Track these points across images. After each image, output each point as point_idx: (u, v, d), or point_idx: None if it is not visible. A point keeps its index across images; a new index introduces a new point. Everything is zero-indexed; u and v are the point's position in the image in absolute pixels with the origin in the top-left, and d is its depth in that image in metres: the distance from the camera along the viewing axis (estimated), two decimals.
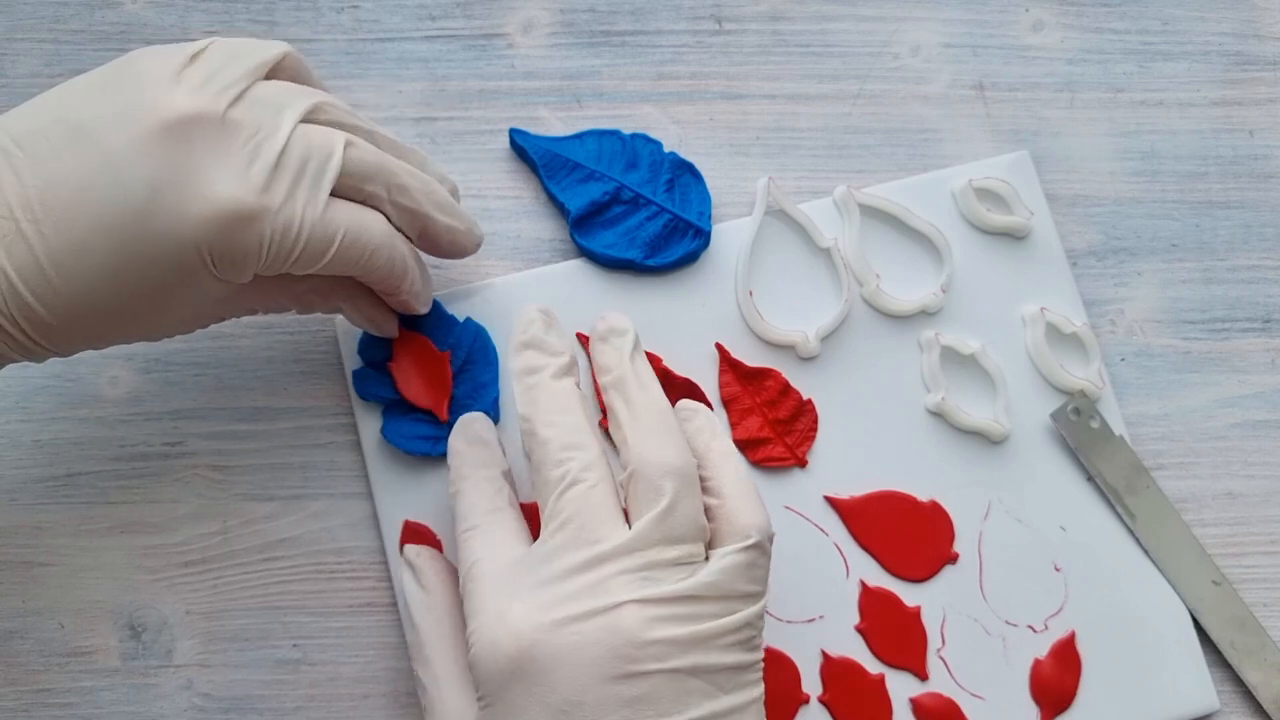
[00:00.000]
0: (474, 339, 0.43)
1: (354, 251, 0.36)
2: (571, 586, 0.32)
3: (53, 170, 0.32)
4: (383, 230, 0.37)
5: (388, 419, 0.42)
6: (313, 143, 0.35)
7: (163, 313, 0.35)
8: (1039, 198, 0.45)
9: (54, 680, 0.42)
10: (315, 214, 0.34)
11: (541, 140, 0.45)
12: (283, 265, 0.35)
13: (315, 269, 0.36)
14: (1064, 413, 0.44)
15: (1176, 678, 0.43)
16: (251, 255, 0.34)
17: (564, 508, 0.34)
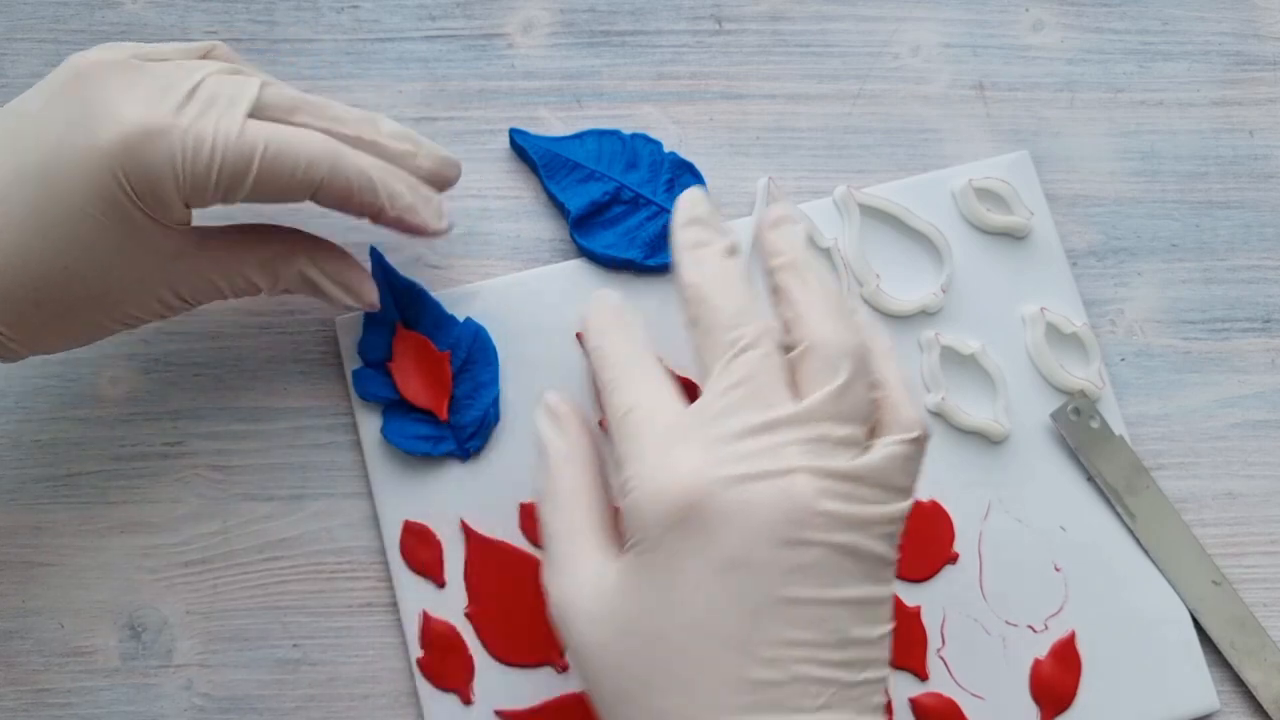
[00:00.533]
0: (473, 339, 0.43)
1: (283, 165, 0.35)
2: (744, 447, 0.32)
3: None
4: (318, 142, 0.36)
5: (387, 419, 0.42)
6: (226, 83, 0.35)
7: (108, 275, 0.35)
8: (1039, 198, 0.45)
9: (54, 680, 0.42)
10: (229, 129, 0.34)
11: (541, 140, 0.45)
12: (205, 188, 0.35)
13: (246, 192, 0.35)
14: (1064, 413, 0.44)
15: (1176, 678, 0.43)
16: (165, 175, 0.34)
17: (737, 370, 0.33)
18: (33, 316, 0.35)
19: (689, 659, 0.31)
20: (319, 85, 0.45)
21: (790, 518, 0.31)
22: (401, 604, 0.42)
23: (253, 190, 0.35)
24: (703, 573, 0.31)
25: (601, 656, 0.32)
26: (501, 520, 0.42)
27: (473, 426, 0.42)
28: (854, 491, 0.32)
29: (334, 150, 0.36)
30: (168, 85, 0.34)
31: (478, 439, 0.42)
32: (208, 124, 0.34)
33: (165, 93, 0.34)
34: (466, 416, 0.42)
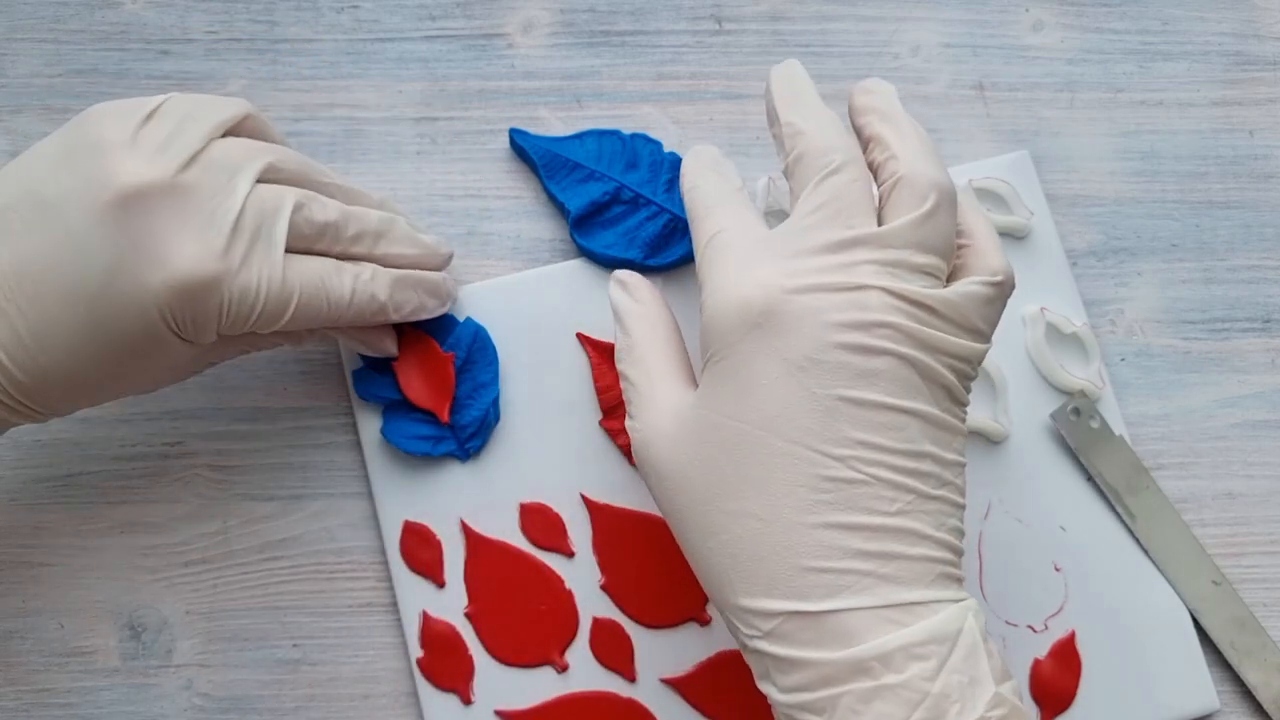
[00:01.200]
0: (474, 339, 0.43)
1: (314, 307, 0.37)
2: (822, 261, 0.33)
3: (23, 248, 0.34)
4: (347, 283, 0.38)
5: (388, 419, 0.42)
6: (265, 205, 0.36)
7: (142, 372, 0.37)
8: (1039, 198, 0.45)
9: (54, 680, 0.42)
10: (273, 275, 0.36)
11: (541, 140, 0.45)
12: (244, 326, 0.36)
13: (278, 327, 0.37)
14: (1064, 413, 0.44)
15: (1176, 678, 0.43)
16: (212, 319, 0.35)
17: (824, 192, 0.34)
18: (62, 403, 0.37)
19: (765, 458, 0.32)
20: (319, 85, 0.45)
21: (859, 323, 0.32)
22: (401, 604, 0.42)
23: (282, 327, 0.37)
24: (776, 372, 0.32)
25: (683, 471, 0.34)
26: (501, 520, 0.42)
27: (473, 426, 0.42)
28: (926, 318, 0.33)
29: (357, 288, 0.38)
30: (210, 216, 0.35)
31: (478, 439, 0.42)
32: (251, 272, 0.35)
33: (208, 227, 0.35)
34: (466, 416, 0.42)
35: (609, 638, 0.42)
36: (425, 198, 0.45)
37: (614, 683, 0.42)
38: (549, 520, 0.42)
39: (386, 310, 0.39)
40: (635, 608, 0.42)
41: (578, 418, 0.43)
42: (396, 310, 0.40)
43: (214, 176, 0.35)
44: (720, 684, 0.42)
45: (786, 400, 0.32)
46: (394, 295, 0.39)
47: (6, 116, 0.45)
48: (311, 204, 0.37)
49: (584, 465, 0.43)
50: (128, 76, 0.45)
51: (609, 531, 0.42)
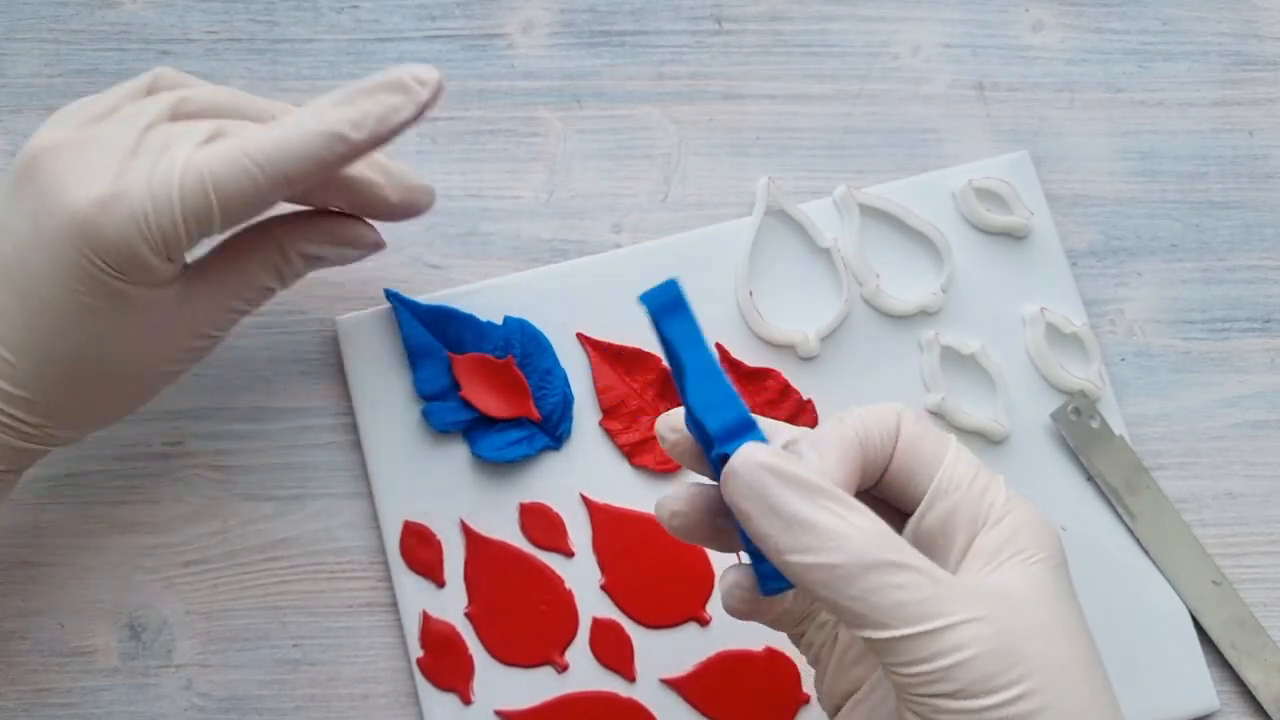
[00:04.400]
0: (521, 332, 0.43)
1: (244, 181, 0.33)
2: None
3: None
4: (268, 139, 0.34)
5: (475, 440, 0.42)
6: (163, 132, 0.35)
7: (123, 343, 0.35)
8: (1039, 198, 0.45)
9: (54, 680, 0.42)
10: (170, 166, 0.33)
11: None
12: (177, 237, 0.34)
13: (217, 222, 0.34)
14: (1064, 413, 0.44)
15: (1176, 678, 0.43)
16: (133, 240, 0.33)
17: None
18: (68, 403, 0.36)
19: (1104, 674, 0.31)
20: (319, 85, 0.45)
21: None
22: (401, 604, 0.42)
23: (223, 217, 0.34)
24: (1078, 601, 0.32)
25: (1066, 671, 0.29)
26: (501, 520, 0.42)
27: (557, 413, 0.42)
28: None
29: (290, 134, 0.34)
30: (108, 150, 0.34)
31: (565, 422, 0.43)
32: (149, 174, 0.33)
33: (106, 160, 0.34)
34: (548, 406, 0.42)
35: (609, 638, 0.42)
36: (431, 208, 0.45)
37: (614, 683, 0.42)
38: (549, 520, 0.42)
39: (340, 133, 0.34)
40: (635, 608, 0.42)
41: (578, 418, 0.43)
42: (356, 127, 0.34)
43: (119, 125, 0.35)
44: (720, 684, 0.42)
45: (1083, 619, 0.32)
46: (340, 114, 0.34)
47: (6, 116, 0.45)
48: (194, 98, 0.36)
49: (584, 465, 0.43)
50: (128, 76, 0.45)
51: (609, 531, 0.42)
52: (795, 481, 0.28)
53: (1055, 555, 0.31)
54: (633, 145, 0.46)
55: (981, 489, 0.32)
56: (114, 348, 0.35)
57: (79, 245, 0.33)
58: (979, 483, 0.32)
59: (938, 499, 0.32)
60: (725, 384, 0.30)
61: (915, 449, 0.33)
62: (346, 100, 0.34)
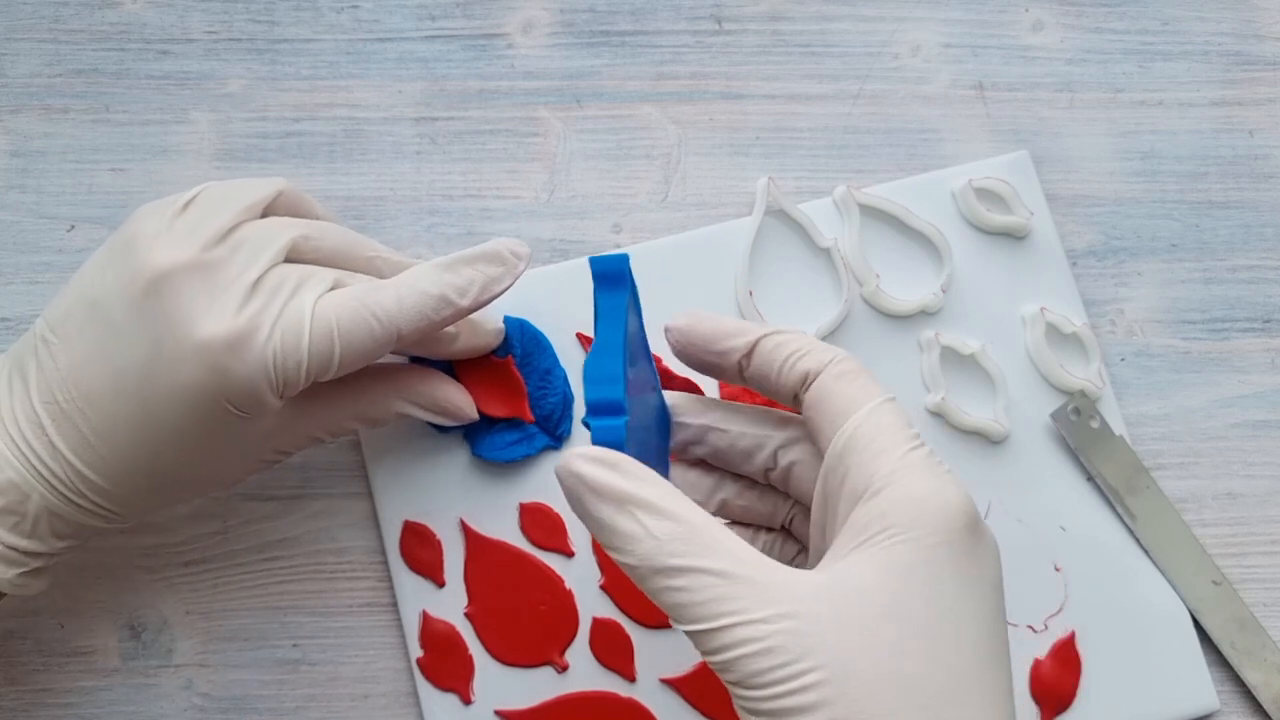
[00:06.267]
0: (521, 332, 0.43)
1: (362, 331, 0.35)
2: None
3: (77, 350, 0.35)
4: (385, 295, 0.36)
5: (475, 440, 0.42)
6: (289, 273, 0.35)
7: (213, 459, 0.36)
8: (1039, 198, 0.45)
9: (54, 680, 0.42)
10: (301, 313, 0.35)
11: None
12: (298, 381, 0.35)
13: (335, 370, 0.36)
14: (1064, 413, 0.44)
15: (1176, 678, 0.43)
16: (259, 380, 0.34)
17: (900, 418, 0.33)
18: (144, 502, 0.37)
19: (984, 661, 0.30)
20: (319, 85, 0.45)
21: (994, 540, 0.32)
22: (401, 604, 0.42)
23: (340, 368, 0.36)
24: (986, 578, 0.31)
25: (865, 668, 0.28)
26: (501, 520, 0.42)
27: (556, 413, 0.42)
28: None
29: (401, 291, 0.36)
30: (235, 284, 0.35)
31: (565, 422, 0.42)
32: (279, 319, 0.35)
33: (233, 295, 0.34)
34: (546, 407, 0.42)
35: (609, 638, 0.42)
36: (425, 198, 0.45)
37: (614, 683, 0.42)
38: (549, 520, 0.42)
39: (448, 298, 0.37)
40: (635, 608, 0.42)
41: (578, 418, 0.43)
42: (461, 294, 0.37)
43: (242, 252, 0.35)
44: (720, 684, 0.42)
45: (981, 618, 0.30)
46: (448, 280, 0.37)
47: (6, 116, 0.45)
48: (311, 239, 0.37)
49: None
50: (127, 76, 0.45)
51: None
52: (602, 490, 0.30)
53: (932, 534, 0.30)
54: (633, 145, 0.46)
55: (874, 455, 0.31)
56: (205, 463, 0.36)
57: (204, 381, 0.34)
58: (874, 447, 0.31)
59: (834, 462, 0.32)
60: (617, 364, 0.31)
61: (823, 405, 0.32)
62: (452, 268, 0.37)
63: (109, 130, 0.45)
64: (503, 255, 0.38)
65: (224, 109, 0.45)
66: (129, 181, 0.45)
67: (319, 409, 0.38)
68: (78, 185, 0.45)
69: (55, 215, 0.44)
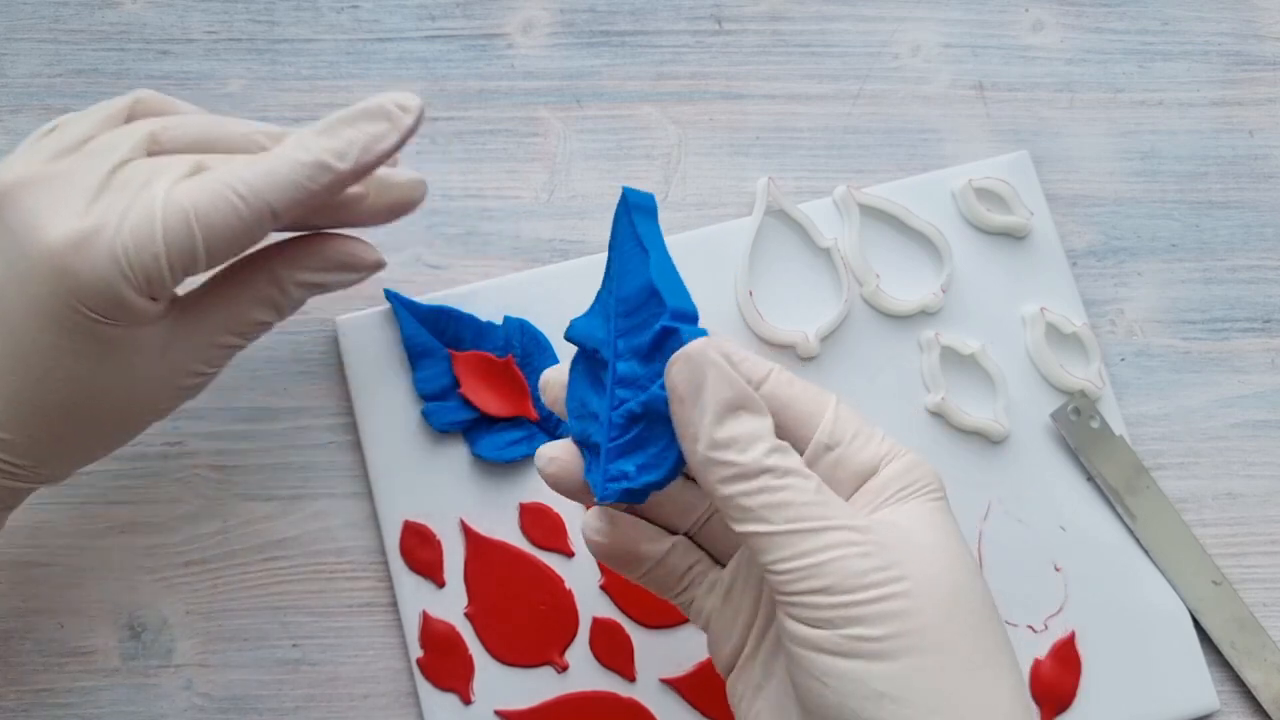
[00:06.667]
0: (521, 332, 0.43)
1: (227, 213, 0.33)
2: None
3: None
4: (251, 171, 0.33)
5: (475, 440, 0.42)
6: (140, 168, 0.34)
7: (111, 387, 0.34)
8: (1039, 198, 0.45)
9: (54, 680, 0.42)
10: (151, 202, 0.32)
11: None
12: (160, 275, 0.33)
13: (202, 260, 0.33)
14: (1064, 413, 0.44)
15: (1176, 678, 0.43)
16: (113, 278, 0.32)
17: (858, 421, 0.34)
18: (53, 445, 0.35)
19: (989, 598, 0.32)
20: (319, 85, 0.45)
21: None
22: (401, 604, 0.42)
23: (209, 253, 0.33)
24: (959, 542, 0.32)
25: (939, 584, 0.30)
26: (501, 520, 0.42)
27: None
28: None
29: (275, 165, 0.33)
30: (82, 185, 0.33)
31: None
32: (127, 211, 0.32)
33: (79, 195, 0.33)
34: (547, 406, 0.42)
35: (609, 638, 0.42)
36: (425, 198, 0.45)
37: (614, 683, 0.42)
38: (549, 520, 0.42)
39: (325, 163, 0.34)
40: (635, 608, 0.42)
41: None
42: (340, 157, 0.34)
43: (94, 157, 0.33)
44: (720, 684, 0.42)
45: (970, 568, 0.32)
46: (323, 144, 0.34)
47: (6, 116, 0.45)
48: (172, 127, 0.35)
49: None
50: (128, 76, 0.45)
51: None
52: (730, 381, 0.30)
53: (937, 491, 0.32)
54: (633, 145, 0.46)
55: (863, 443, 0.32)
56: (98, 390, 0.34)
57: (55, 288, 0.32)
58: (861, 437, 0.33)
59: (820, 454, 0.32)
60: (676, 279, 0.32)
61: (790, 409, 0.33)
62: (329, 130, 0.34)
63: None
64: (386, 110, 0.34)
65: (224, 109, 0.45)
66: None
67: (212, 308, 0.36)
68: None
69: None
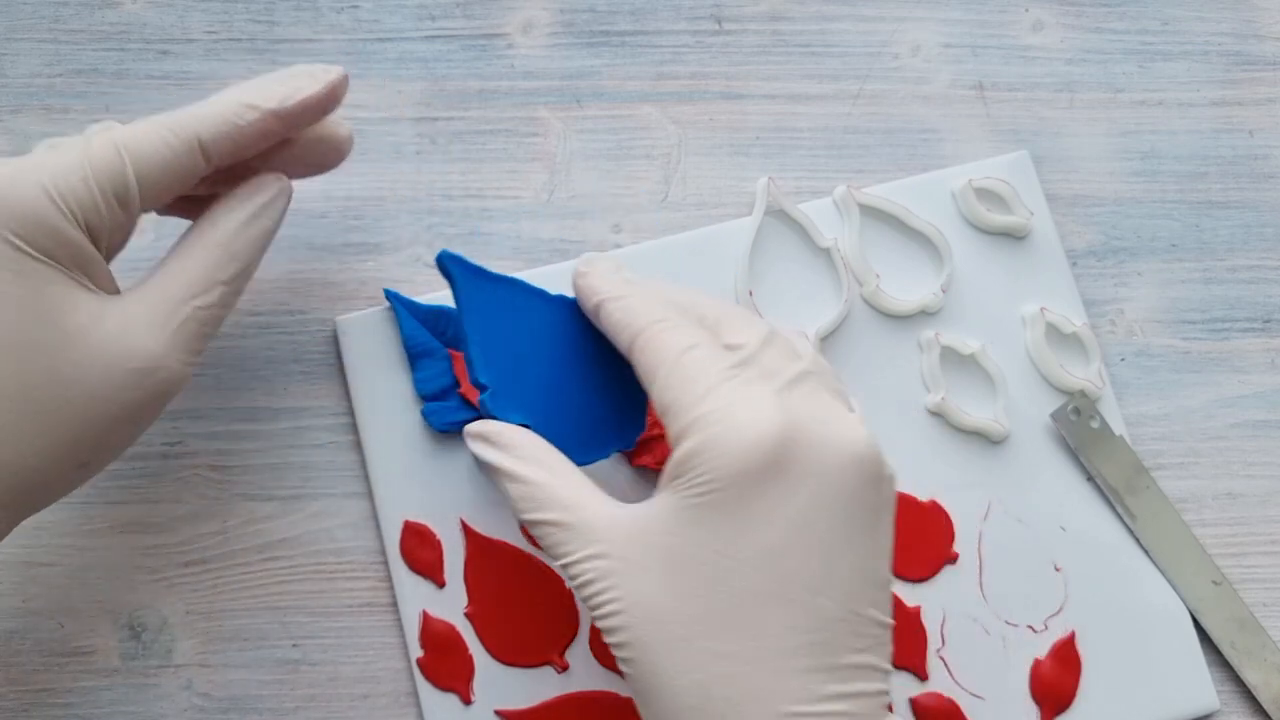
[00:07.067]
0: None
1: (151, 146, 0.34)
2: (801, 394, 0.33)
3: None
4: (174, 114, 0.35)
5: None
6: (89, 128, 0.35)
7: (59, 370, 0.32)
8: (1039, 198, 0.45)
9: (54, 680, 0.42)
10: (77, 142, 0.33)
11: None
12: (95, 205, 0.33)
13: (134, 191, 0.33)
14: (1064, 413, 0.44)
15: (1176, 678, 0.43)
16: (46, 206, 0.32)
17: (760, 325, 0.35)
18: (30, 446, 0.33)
19: (758, 600, 0.31)
20: None
21: (863, 458, 0.33)
22: (401, 604, 0.42)
23: (141, 184, 0.33)
24: (784, 511, 0.32)
25: (656, 603, 0.32)
26: (501, 520, 0.42)
27: None
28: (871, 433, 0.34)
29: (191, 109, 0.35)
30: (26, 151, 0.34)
31: None
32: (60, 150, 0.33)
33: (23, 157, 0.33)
34: None
35: None
36: (425, 198, 0.45)
37: (614, 683, 0.42)
38: None
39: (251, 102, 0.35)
40: None
41: None
42: (267, 98, 0.36)
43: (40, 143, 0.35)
44: None
45: (788, 540, 0.31)
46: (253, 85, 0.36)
47: (6, 116, 0.45)
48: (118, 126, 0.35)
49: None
50: (127, 76, 0.45)
51: None
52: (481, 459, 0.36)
53: (716, 483, 0.32)
54: (633, 145, 0.46)
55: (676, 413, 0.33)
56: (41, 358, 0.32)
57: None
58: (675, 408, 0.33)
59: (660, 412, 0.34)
60: (472, 351, 0.37)
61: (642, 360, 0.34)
62: (256, 83, 0.36)
63: None
64: (311, 71, 0.37)
65: None
66: None
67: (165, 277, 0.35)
68: None
69: None
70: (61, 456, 0.33)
